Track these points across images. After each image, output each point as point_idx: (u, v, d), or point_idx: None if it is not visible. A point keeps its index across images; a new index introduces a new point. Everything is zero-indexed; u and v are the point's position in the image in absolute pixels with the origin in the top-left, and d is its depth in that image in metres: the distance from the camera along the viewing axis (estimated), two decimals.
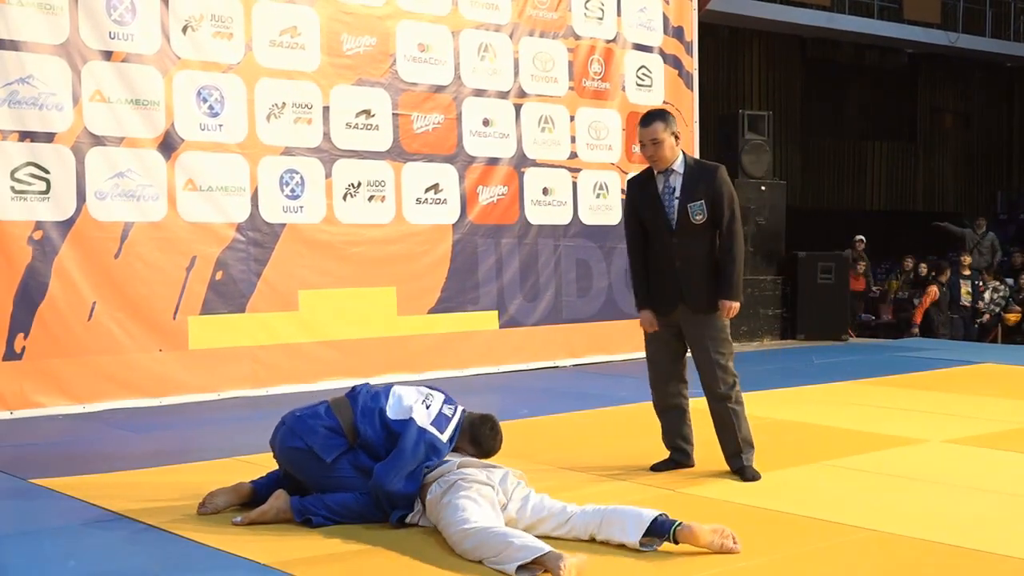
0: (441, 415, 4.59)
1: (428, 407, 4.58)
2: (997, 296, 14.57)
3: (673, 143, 5.32)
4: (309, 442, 4.50)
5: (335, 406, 4.62)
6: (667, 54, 11.16)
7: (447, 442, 4.55)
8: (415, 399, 4.61)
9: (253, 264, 8.45)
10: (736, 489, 5.11)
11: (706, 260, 5.34)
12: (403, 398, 4.61)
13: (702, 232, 5.32)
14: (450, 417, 4.62)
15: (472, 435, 4.68)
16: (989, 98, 24.16)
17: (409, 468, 4.41)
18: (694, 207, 5.29)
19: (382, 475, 4.41)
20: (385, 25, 9.18)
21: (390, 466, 4.42)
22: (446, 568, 3.96)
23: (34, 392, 7.49)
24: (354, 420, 4.55)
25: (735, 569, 3.88)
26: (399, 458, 4.42)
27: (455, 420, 4.63)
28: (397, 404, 4.58)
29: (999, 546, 4.14)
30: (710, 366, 5.35)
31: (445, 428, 4.56)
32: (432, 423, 4.53)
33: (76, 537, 4.39)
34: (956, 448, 6.16)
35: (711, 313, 5.34)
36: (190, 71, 8.18)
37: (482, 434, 4.70)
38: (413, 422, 4.49)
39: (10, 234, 7.42)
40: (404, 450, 4.43)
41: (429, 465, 4.45)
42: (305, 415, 4.61)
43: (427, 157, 9.42)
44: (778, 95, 20.40)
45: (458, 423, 4.64)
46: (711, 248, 5.34)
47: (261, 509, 4.50)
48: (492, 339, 9.82)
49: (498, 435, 4.75)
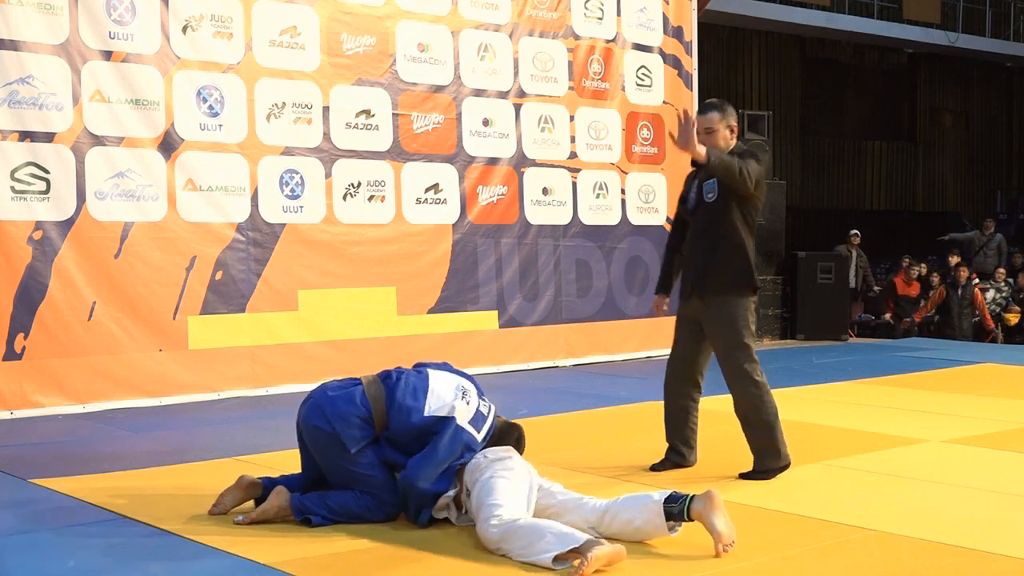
0: (479, 413, 4.52)
1: (468, 403, 4.51)
2: (998, 296, 14.57)
3: (728, 135, 5.27)
4: (337, 428, 4.41)
5: (370, 392, 4.49)
6: (667, 54, 11.16)
7: (481, 441, 4.50)
8: (453, 395, 4.51)
9: (253, 264, 8.45)
10: (736, 489, 5.10)
11: (717, 241, 5.27)
12: (442, 394, 4.50)
13: (717, 212, 5.25)
14: (486, 416, 4.56)
15: (499, 440, 4.60)
16: (989, 98, 24.17)
17: (443, 467, 4.38)
18: (708, 185, 5.26)
19: (414, 472, 4.36)
20: (385, 25, 9.18)
21: (424, 463, 4.37)
22: (447, 568, 3.96)
23: (34, 392, 7.49)
24: (387, 412, 4.46)
25: (735, 569, 3.88)
26: (433, 456, 4.37)
27: (490, 420, 4.57)
28: (437, 401, 4.48)
29: (999, 546, 4.14)
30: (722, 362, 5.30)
31: (482, 427, 4.50)
32: (471, 422, 4.46)
33: (76, 537, 4.39)
34: (956, 448, 6.16)
35: (719, 298, 5.26)
36: (190, 71, 8.18)
37: (508, 442, 4.62)
38: (453, 420, 4.42)
39: (10, 234, 7.42)
40: (439, 449, 4.37)
41: (463, 462, 4.42)
42: (339, 399, 4.46)
43: (427, 157, 9.42)
44: (778, 95, 20.40)
45: (492, 423, 4.58)
46: (725, 229, 5.25)
47: (262, 508, 4.49)
48: (492, 339, 9.82)
49: (523, 446, 4.70)
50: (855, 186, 22.40)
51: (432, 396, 4.50)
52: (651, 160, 11.08)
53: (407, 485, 4.40)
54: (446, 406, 4.47)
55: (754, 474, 5.30)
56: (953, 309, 14.06)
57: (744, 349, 5.28)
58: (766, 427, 5.29)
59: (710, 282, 5.31)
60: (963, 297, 14.07)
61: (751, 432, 5.34)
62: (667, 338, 11.64)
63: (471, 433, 4.45)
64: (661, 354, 11.01)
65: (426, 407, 4.47)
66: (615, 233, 10.73)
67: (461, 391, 4.55)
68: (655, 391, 8.38)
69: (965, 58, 22.06)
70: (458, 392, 4.54)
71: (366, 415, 4.46)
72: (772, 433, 5.29)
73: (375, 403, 4.48)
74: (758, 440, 5.32)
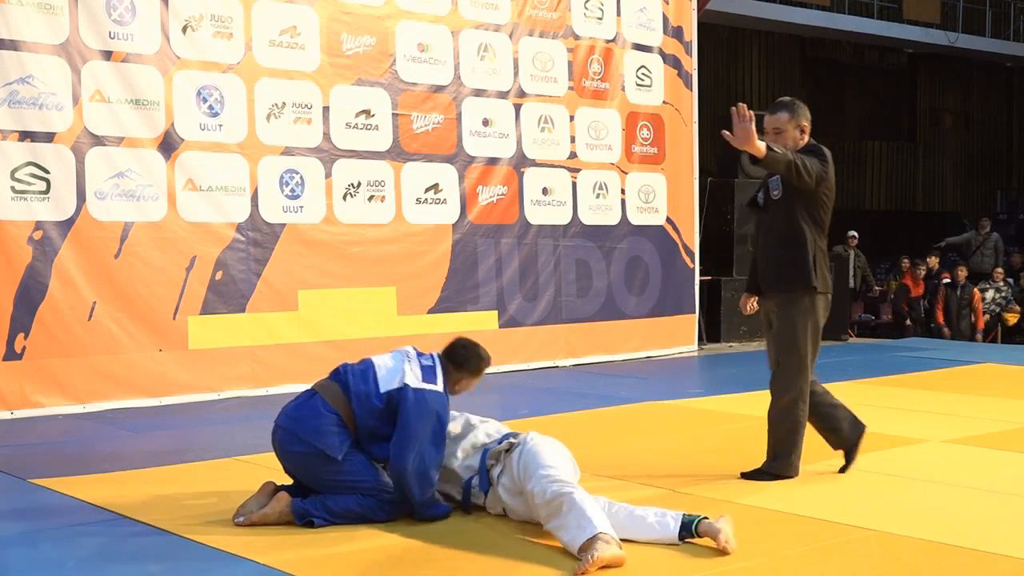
0: (424, 368, 4.55)
1: (412, 365, 4.53)
2: (998, 296, 14.56)
3: (797, 136, 5.24)
4: (316, 444, 4.43)
5: (329, 396, 4.52)
6: (667, 54, 11.16)
7: (443, 391, 4.53)
8: (396, 363, 4.55)
9: (253, 264, 8.45)
10: (736, 489, 5.10)
11: (781, 237, 5.22)
12: (388, 368, 4.54)
13: (782, 209, 5.21)
14: (432, 364, 4.58)
15: (454, 364, 4.65)
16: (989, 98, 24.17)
17: (421, 437, 4.38)
18: (773, 182, 5.24)
19: (398, 458, 4.37)
20: (385, 25, 9.18)
21: (402, 445, 4.38)
22: (448, 568, 3.96)
23: (34, 392, 7.49)
24: (351, 406, 4.49)
25: (735, 569, 3.88)
26: (406, 434, 4.38)
27: (436, 364, 4.59)
28: (386, 375, 4.51)
29: (999, 546, 4.14)
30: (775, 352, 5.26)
31: (434, 377, 4.53)
32: (423, 380, 4.48)
33: (76, 537, 4.39)
34: (956, 448, 6.16)
35: (780, 295, 5.22)
36: (190, 71, 8.18)
37: (459, 356, 4.67)
38: (407, 387, 4.44)
39: (10, 234, 7.42)
40: (409, 424, 4.39)
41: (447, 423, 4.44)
42: (304, 416, 4.51)
43: (427, 157, 9.43)
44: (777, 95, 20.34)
45: (440, 365, 4.61)
46: (789, 226, 5.19)
47: (263, 512, 4.48)
48: (492, 339, 9.77)
49: (473, 346, 4.74)
50: (855, 186, 22.39)
51: (380, 372, 4.53)
52: (651, 160, 11.08)
53: (399, 475, 4.40)
54: (396, 377, 4.49)
55: (757, 473, 5.28)
56: (952, 309, 14.06)
57: (794, 354, 5.20)
58: (788, 434, 5.25)
59: (773, 279, 5.29)
60: (961, 297, 14.08)
61: (772, 434, 5.31)
62: (666, 338, 11.75)
63: (429, 388, 4.47)
64: (661, 354, 11.04)
65: (380, 385, 4.49)
66: (615, 233, 10.73)
67: (403, 357, 4.58)
68: (655, 391, 8.43)
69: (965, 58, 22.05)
70: (400, 359, 4.57)
71: (336, 419, 4.48)
72: (791, 441, 5.25)
73: (338, 404, 4.50)
74: (775, 443, 5.30)
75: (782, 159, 4.91)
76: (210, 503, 4.82)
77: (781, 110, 5.28)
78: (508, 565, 4.00)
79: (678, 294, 11.25)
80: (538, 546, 4.16)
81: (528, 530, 4.34)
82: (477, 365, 4.73)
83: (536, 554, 4.08)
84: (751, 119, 4.76)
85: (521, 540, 4.24)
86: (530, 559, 4.03)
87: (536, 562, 4.00)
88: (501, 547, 4.18)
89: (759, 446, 5.49)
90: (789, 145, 5.17)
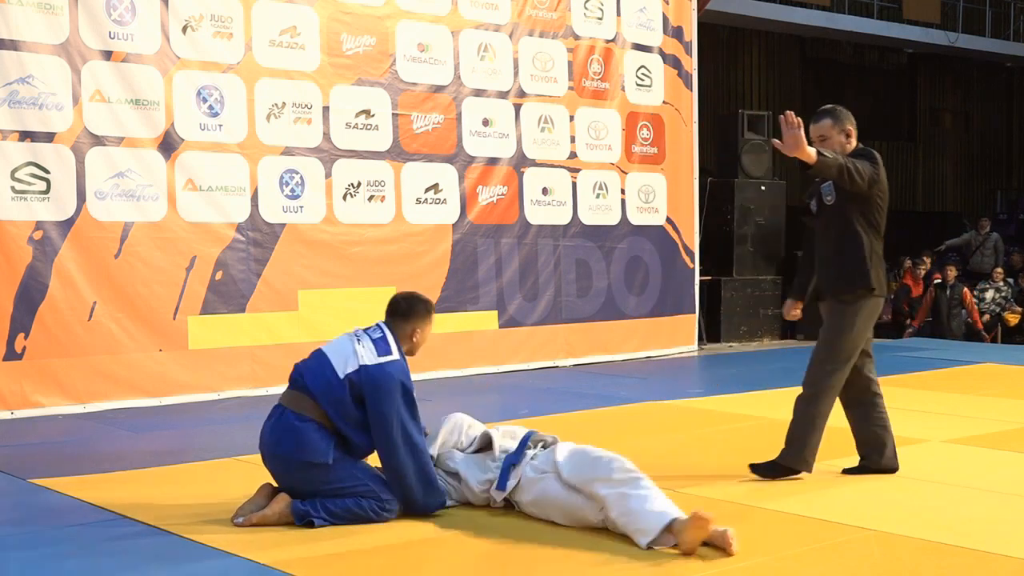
0: (376, 341, 4.55)
1: (363, 343, 4.53)
2: (998, 296, 14.56)
3: (843, 141, 5.23)
4: (303, 458, 4.44)
5: (296, 406, 4.51)
6: (667, 54, 11.17)
7: (400, 356, 4.55)
8: (348, 345, 4.54)
9: (253, 264, 8.45)
10: (736, 489, 5.10)
11: (836, 242, 5.21)
12: (340, 352, 4.54)
13: (836, 214, 5.20)
14: (382, 335, 4.58)
15: (402, 318, 4.67)
16: (989, 98, 24.15)
17: (395, 416, 4.39)
18: (825, 188, 5.22)
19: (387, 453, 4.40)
20: (385, 25, 9.18)
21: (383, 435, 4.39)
22: (448, 567, 3.97)
23: (34, 392, 7.49)
24: (319, 405, 4.48)
25: (735, 569, 3.88)
26: (380, 420, 4.40)
27: (385, 332, 4.59)
28: (340, 360, 4.50)
29: (999, 546, 4.14)
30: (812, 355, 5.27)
31: (388, 347, 4.54)
32: (378, 355, 4.48)
33: (76, 537, 4.39)
34: (956, 448, 6.16)
35: (835, 299, 5.21)
36: (190, 71, 8.18)
37: (403, 308, 4.70)
38: (364, 368, 4.45)
39: (10, 234, 7.43)
40: (379, 411, 4.40)
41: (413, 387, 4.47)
42: (283, 438, 4.49)
43: (427, 157, 9.43)
44: (778, 95, 20.37)
45: (388, 331, 4.61)
46: (843, 231, 5.19)
47: (263, 513, 4.48)
48: (492, 339, 9.82)
49: (411, 294, 4.78)
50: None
51: (335, 359, 4.52)
52: (651, 160, 11.08)
53: (393, 469, 4.42)
54: (350, 360, 4.49)
55: (764, 466, 5.27)
56: (942, 310, 14.05)
57: (833, 354, 5.21)
58: (805, 424, 5.24)
59: (829, 283, 5.28)
60: (951, 297, 14.08)
61: (792, 423, 5.30)
62: (666, 338, 11.75)
63: (386, 361, 4.47)
64: (661, 354, 11.03)
65: (338, 372, 4.49)
66: (615, 233, 10.73)
67: (352, 339, 4.57)
68: (655, 391, 8.43)
69: (965, 58, 22.03)
70: (351, 341, 4.56)
71: (313, 425, 4.47)
72: (807, 434, 5.24)
73: (308, 410, 4.50)
74: (791, 433, 5.29)
75: (833, 164, 4.91)
76: (210, 503, 4.82)
77: (824, 117, 5.28)
78: (508, 565, 4.00)
79: (678, 294, 11.25)
80: (537, 547, 4.16)
81: (529, 530, 4.34)
82: (423, 307, 4.75)
83: (536, 555, 4.08)
84: (800, 126, 4.76)
85: (521, 541, 4.24)
86: (530, 560, 4.03)
87: (536, 563, 4.00)
88: (501, 547, 4.18)
89: (759, 446, 5.50)
90: (836, 151, 5.15)
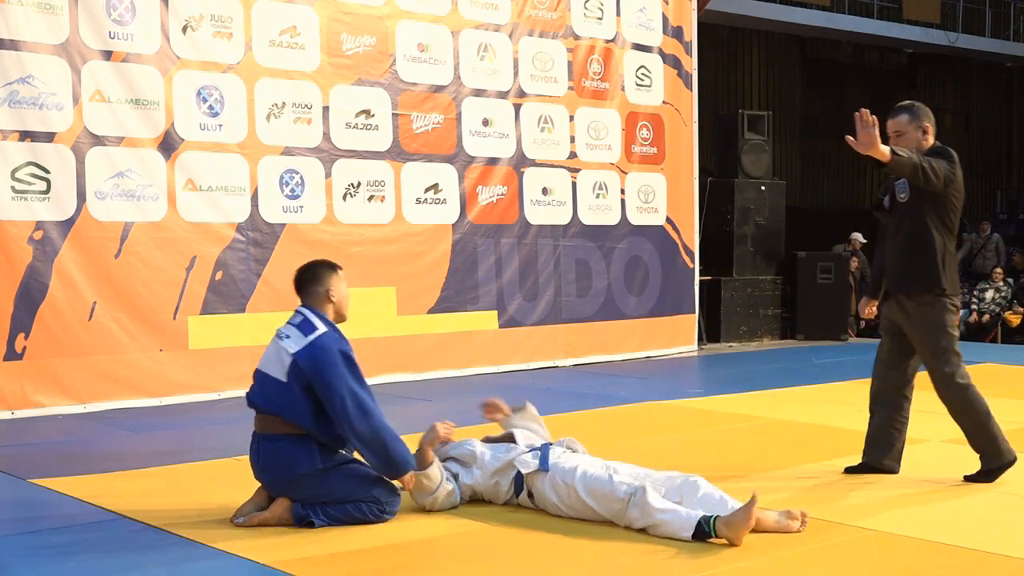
0: (298, 326, 4.53)
1: (290, 334, 4.52)
2: (998, 296, 14.56)
3: (919, 137, 5.17)
4: (297, 472, 4.43)
5: (268, 429, 4.51)
6: (666, 54, 11.17)
7: (329, 328, 4.53)
8: (276, 344, 4.53)
9: (253, 264, 8.45)
10: (736, 489, 5.10)
11: (908, 241, 5.16)
12: (273, 355, 4.52)
13: (909, 212, 5.14)
14: (302, 318, 4.56)
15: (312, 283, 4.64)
16: (989, 98, 24.14)
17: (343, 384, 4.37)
18: (899, 185, 5.17)
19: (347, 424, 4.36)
20: (385, 25, 9.19)
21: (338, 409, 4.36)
22: (447, 567, 3.97)
23: (34, 392, 7.49)
24: (282, 416, 4.47)
25: (735, 569, 3.88)
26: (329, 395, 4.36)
27: (306, 315, 4.57)
28: (274, 362, 4.49)
29: (999, 546, 4.14)
30: (926, 367, 5.20)
31: (311, 324, 4.51)
32: (305, 335, 4.46)
33: (76, 537, 4.39)
34: (956, 448, 6.15)
35: (912, 300, 5.16)
36: (190, 71, 8.18)
37: (307, 276, 4.67)
38: (295, 356, 4.42)
39: (10, 234, 7.43)
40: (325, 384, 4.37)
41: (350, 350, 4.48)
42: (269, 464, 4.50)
43: (427, 157, 9.43)
44: (777, 95, 20.37)
45: (307, 309, 4.59)
46: (916, 229, 5.13)
47: (263, 516, 4.48)
48: (492, 339, 9.82)
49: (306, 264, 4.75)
50: (855, 186, 22.38)
51: (271, 369, 4.51)
52: (651, 160, 11.08)
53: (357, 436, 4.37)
54: (283, 358, 4.46)
55: (979, 476, 5.21)
56: None
57: (943, 354, 5.14)
58: (978, 427, 5.21)
59: (902, 283, 5.22)
60: None
61: (967, 434, 5.26)
62: (666, 338, 11.76)
63: (314, 336, 4.45)
64: (661, 354, 11.04)
65: (279, 378, 4.47)
66: (615, 233, 10.73)
67: (277, 340, 4.55)
68: (655, 391, 8.43)
69: (965, 58, 22.03)
70: (275, 342, 4.55)
71: (290, 439, 4.45)
72: (987, 432, 5.21)
73: (279, 427, 4.48)
74: (975, 441, 5.25)
75: (908, 162, 4.87)
76: (210, 503, 4.82)
77: (901, 112, 5.23)
78: (509, 565, 4.00)
79: (678, 294, 11.25)
80: (539, 548, 4.16)
81: (530, 530, 4.35)
82: (324, 266, 4.72)
83: (537, 554, 4.08)
84: (875, 124, 4.72)
85: (522, 540, 4.24)
86: (531, 559, 4.03)
87: (538, 562, 4.00)
88: (502, 547, 4.18)
89: (759, 446, 5.50)
90: (912, 147, 5.11)
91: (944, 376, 5.17)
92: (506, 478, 4.65)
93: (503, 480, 4.65)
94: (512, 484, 4.63)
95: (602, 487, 4.35)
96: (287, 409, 4.46)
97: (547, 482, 4.52)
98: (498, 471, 4.66)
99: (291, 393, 4.45)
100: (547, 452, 4.62)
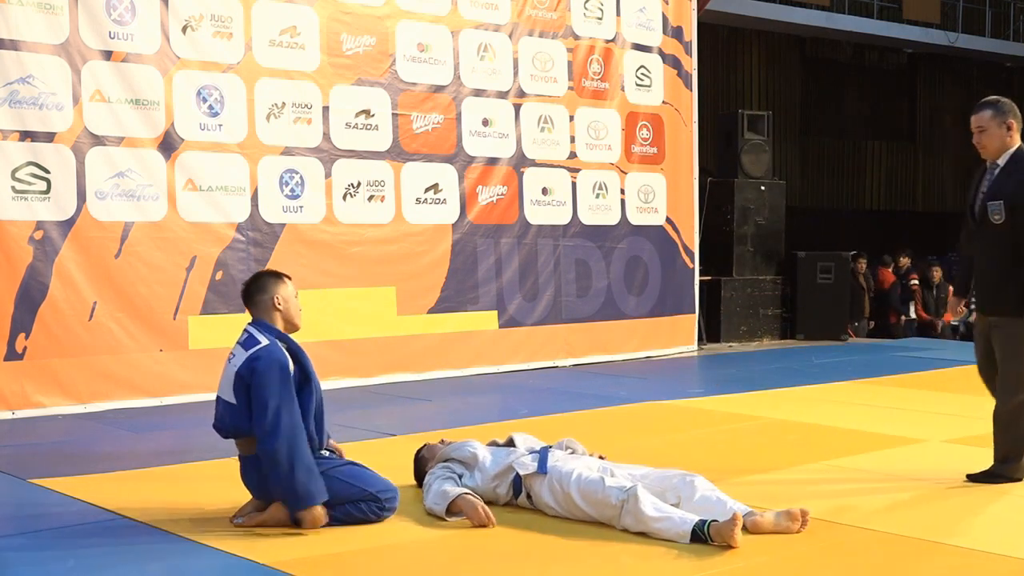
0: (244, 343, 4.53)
1: (235, 356, 4.52)
2: None
3: (1004, 134, 5.02)
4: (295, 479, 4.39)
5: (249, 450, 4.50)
6: (666, 54, 11.17)
7: (270, 341, 4.50)
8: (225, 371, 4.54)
9: (253, 264, 8.44)
10: (736, 490, 5.09)
11: (1002, 262, 5.02)
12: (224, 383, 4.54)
13: (1002, 233, 5.00)
14: (247, 335, 4.55)
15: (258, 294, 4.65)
16: None
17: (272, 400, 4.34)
18: (993, 206, 5.02)
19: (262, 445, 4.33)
20: (385, 25, 9.19)
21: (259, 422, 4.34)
22: (447, 568, 3.97)
23: (35, 392, 7.49)
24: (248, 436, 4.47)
25: (735, 569, 3.89)
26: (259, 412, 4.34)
27: (252, 331, 4.56)
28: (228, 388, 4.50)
29: (999, 546, 4.15)
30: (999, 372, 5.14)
31: (255, 338, 4.51)
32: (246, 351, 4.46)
33: (76, 537, 4.39)
34: (956, 448, 6.16)
35: (1001, 319, 5.05)
36: (190, 71, 8.18)
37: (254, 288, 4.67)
38: (237, 372, 4.43)
39: (11, 234, 7.42)
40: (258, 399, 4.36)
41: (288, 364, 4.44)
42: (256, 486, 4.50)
43: (427, 157, 9.43)
44: (777, 95, 20.38)
45: (253, 324, 4.60)
46: (1010, 252, 5.00)
47: (261, 518, 4.48)
48: (491, 339, 9.82)
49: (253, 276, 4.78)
50: (855, 186, 22.38)
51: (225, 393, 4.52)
52: (650, 160, 11.08)
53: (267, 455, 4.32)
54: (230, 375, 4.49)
55: (985, 476, 5.18)
56: (929, 310, 14.18)
57: (1019, 379, 5.08)
58: (1019, 439, 5.15)
59: (993, 301, 5.14)
60: (938, 297, 14.16)
61: (1001, 438, 5.19)
62: (666, 338, 11.76)
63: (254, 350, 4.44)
64: (661, 354, 11.04)
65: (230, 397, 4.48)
66: (615, 233, 10.73)
67: (230, 358, 4.56)
68: (655, 391, 8.43)
69: (965, 58, 22.04)
70: (226, 365, 4.56)
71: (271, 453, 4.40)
72: (1021, 445, 5.17)
73: (251, 447, 4.47)
74: (1005, 447, 5.18)
75: None
76: (210, 503, 4.82)
77: (985, 108, 5.09)
78: (508, 566, 4.00)
79: (678, 294, 11.25)
80: (539, 549, 4.17)
81: (529, 531, 4.35)
82: (270, 275, 4.73)
83: (537, 554, 4.08)
84: None
85: (522, 541, 4.25)
86: (531, 559, 4.03)
87: (538, 562, 4.01)
88: (502, 547, 4.18)
89: (759, 446, 5.50)
90: (995, 145, 5.03)
91: (1012, 382, 5.08)
92: (505, 481, 4.65)
93: (502, 483, 4.66)
94: (511, 486, 4.64)
95: (595, 493, 4.36)
96: (248, 429, 4.46)
97: (545, 485, 4.53)
98: (498, 475, 4.67)
99: (244, 412, 4.45)
100: (546, 455, 4.63)
